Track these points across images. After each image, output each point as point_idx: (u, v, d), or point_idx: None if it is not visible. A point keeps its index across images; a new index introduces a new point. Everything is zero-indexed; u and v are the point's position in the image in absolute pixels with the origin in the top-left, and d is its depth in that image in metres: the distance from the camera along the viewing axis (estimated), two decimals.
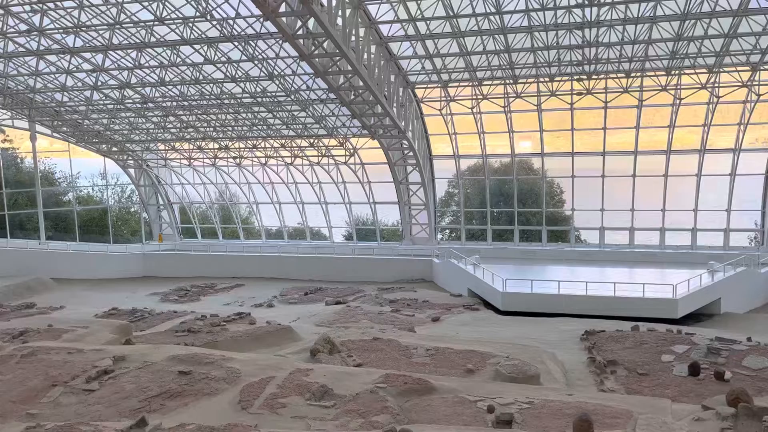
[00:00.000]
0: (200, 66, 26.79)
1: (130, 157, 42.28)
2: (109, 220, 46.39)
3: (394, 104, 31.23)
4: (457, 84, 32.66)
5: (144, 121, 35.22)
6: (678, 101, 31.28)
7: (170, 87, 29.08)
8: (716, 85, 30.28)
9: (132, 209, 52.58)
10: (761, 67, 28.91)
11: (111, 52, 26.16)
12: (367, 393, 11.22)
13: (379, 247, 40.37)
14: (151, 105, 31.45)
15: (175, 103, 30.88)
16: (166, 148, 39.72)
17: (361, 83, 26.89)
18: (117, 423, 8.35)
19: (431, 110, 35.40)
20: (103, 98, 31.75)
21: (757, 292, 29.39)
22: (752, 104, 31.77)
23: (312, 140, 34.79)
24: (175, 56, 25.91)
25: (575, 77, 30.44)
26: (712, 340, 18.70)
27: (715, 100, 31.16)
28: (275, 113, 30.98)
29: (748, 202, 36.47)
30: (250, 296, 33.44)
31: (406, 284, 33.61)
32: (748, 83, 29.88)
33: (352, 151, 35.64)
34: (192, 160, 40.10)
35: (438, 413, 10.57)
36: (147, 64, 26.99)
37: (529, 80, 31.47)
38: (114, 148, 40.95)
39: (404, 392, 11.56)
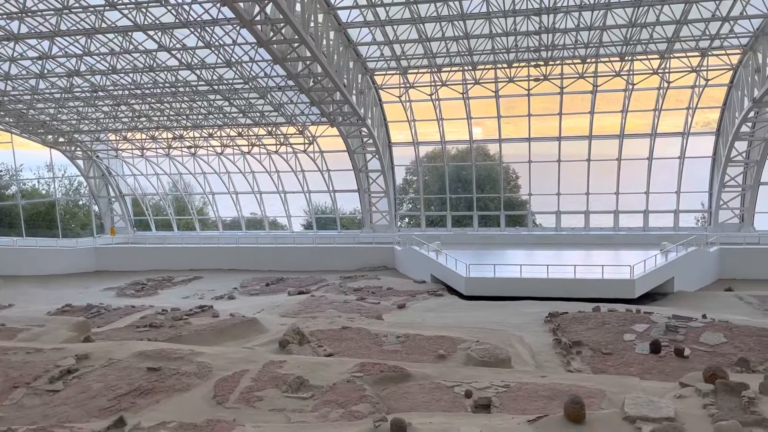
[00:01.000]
0: (154, 53, 25.92)
1: (78, 148, 40.76)
2: (57, 214, 44.74)
3: (354, 91, 30.99)
4: (416, 71, 32.61)
5: (94, 110, 33.95)
6: (631, 86, 32.00)
7: (122, 75, 28.06)
8: (667, 70, 31.11)
9: (80, 202, 50.86)
10: (709, 53, 29.80)
11: (58, 38, 25.02)
12: (344, 383, 11.15)
13: (339, 236, 40.19)
14: (101, 94, 30.30)
15: (127, 92, 29.82)
16: (118, 138, 38.43)
17: (320, 70, 26.54)
18: (93, 423, 8.04)
19: (390, 97, 35.29)
20: (50, 87, 30.44)
21: (707, 271, 30.52)
22: (700, 89, 32.79)
23: (270, 128, 34.21)
24: (127, 43, 24.97)
25: (532, 63, 30.77)
26: (669, 318, 19.29)
27: (666, 85, 32.03)
28: (232, 101, 30.31)
29: (695, 182, 37.75)
30: (210, 288, 32.85)
31: (369, 272, 33.59)
32: (698, 68, 30.80)
33: (311, 139, 35.23)
34: (145, 150, 38.94)
35: (416, 400, 10.58)
36: (97, 51, 25.93)
37: (487, 66, 31.66)
38: (61, 139, 39.39)
39: (381, 380, 11.53)
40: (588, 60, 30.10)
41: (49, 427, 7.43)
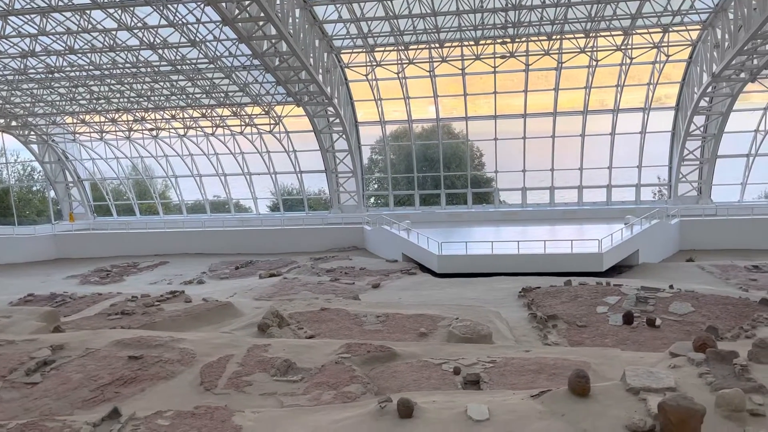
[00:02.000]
0: (114, 32, 24.97)
1: (32, 132, 39.27)
2: (12, 201, 43.21)
3: (320, 70, 30.57)
4: (383, 49, 32.31)
5: (49, 92, 32.65)
6: (595, 62, 32.39)
7: (80, 55, 26.98)
8: (629, 47, 31.56)
9: (34, 188, 49.20)
10: (670, 29, 30.32)
11: (12, 17, 23.87)
12: (333, 364, 11.13)
13: (307, 217, 39.92)
14: (57, 75, 29.13)
15: (84, 73, 28.73)
16: (75, 121, 37.10)
17: (285, 49, 26.08)
18: (83, 415, 7.82)
19: (356, 76, 34.92)
20: (2, 68, 29.12)
21: (668, 243, 31.42)
22: (661, 65, 33.42)
23: (235, 109, 33.52)
24: (86, 22, 23.97)
25: (499, 41, 30.83)
26: (639, 290, 19.81)
27: (629, 61, 32.50)
28: (196, 82, 29.52)
29: (655, 157, 38.60)
30: (177, 273, 32.30)
31: (339, 253, 33.50)
32: (659, 44, 31.33)
33: (277, 119, 34.67)
34: (104, 134, 37.75)
35: (406, 379, 10.63)
36: (53, 31, 24.84)
37: (454, 44, 31.58)
38: (14, 123, 37.86)
39: (368, 360, 11.56)
40: (553, 37, 30.31)
41: (40, 422, 7.20)
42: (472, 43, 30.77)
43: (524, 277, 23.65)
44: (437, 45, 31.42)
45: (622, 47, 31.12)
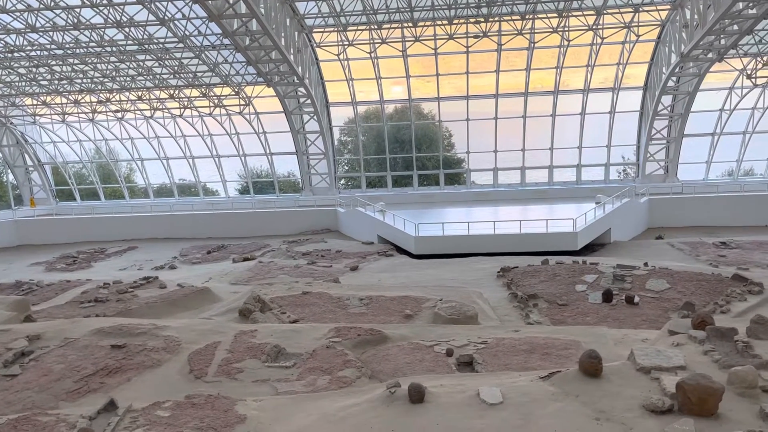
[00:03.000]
0: (77, 10, 23.94)
1: None
2: None
3: (291, 50, 29.99)
4: (355, 27, 31.82)
5: (8, 72, 31.28)
6: (567, 42, 32.51)
7: (41, 34, 25.82)
8: (601, 26, 31.73)
9: None
10: (641, 8, 30.56)
11: None
12: (324, 349, 11.00)
13: (279, 200, 39.45)
14: (17, 55, 27.88)
15: (46, 53, 27.57)
16: (36, 103, 35.69)
17: (256, 27, 25.47)
18: (78, 408, 7.52)
19: (328, 55, 34.35)
20: None
21: (638, 221, 32.02)
22: (631, 45, 33.75)
23: (203, 89, 32.70)
24: None
25: (472, 20, 30.65)
26: (615, 268, 20.10)
27: (600, 41, 32.71)
28: (164, 62, 28.61)
29: (623, 136, 39.14)
30: (148, 259, 31.61)
31: (312, 236, 33.21)
32: (630, 24, 31.58)
33: (247, 100, 33.97)
34: (66, 116, 36.47)
35: (399, 361, 10.57)
36: (13, 8, 23.69)
37: (427, 23, 31.29)
38: None
39: (359, 344, 11.46)
40: (527, 16, 30.26)
41: (33, 416, 6.89)
42: (445, 22, 30.52)
43: (500, 257, 23.78)
44: (411, 24, 31.10)
45: (594, 27, 31.26)
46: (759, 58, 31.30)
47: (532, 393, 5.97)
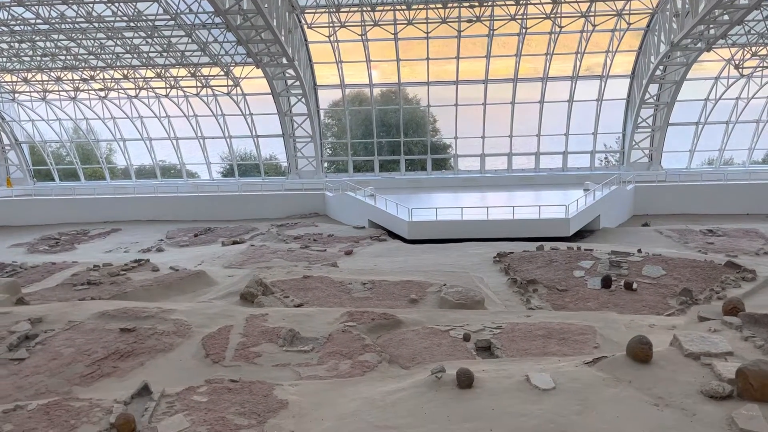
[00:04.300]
0: None
1: None
2: None
3: (282, 30, 29.48)
4: (347, 9, 31.36)
5: None
6: (559, 28, 32.50)
7: (27, 7, 24.88)
8: (592, 14, 31.79)
9: None
10: None
11: None
12: (340, 333, 10.90)
13: (264, 183, 39.01)
14: None
15: (29, 28, 26.65)
16: (16, 79, 34.60)
17: (248, 6, 24.98)
18: (112, 393, 7.30)
19: (318, 37, 33.86)
20: None
21: (625, 208, 32.38)
22: (621, 33, 33.90)
23: (191, 69, 32.01)
24: None
25: (465, 4, 30.44)
26: (610, 254, 20.30)
27: (591, 28, 32.77)
28: (153, 39, 27.86)
29: (608, 124, 39.46)
30: (133, 241, 31.08)
31: (300, 219, 32.92)
32: (621, 11, 31.70)
33: (235, 81, 33.38)
34: (46, 93, 35.45)
35: (417, 346, 10.51)
36: None
37: (420, 6, 31.01)
38: None
39: (373, 328, 11.38)
40: (521, 2, 30.14)
41: (64, 401, 6.69)
42: (439, 5, 30.26)
43: (494, 242, 23.83)
44: (404, 7, 30.77)
45: (586, 14, 31.30)
46: (747, 48, 31.66)
47: (582, 378, 5.96)
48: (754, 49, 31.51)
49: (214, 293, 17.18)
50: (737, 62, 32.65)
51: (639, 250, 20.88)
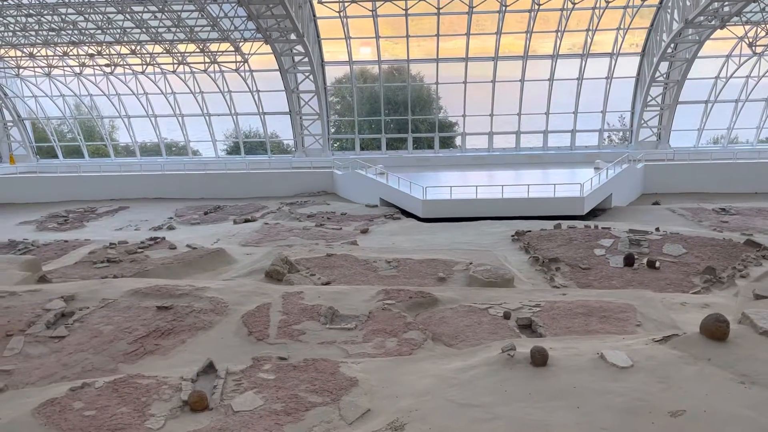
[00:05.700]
0: None
1: None
2: None
3: (293, 6, 29.07)
4: None
5: None
6: (572, 5, 32.10)
7: None
8: None
9: None
10: None
11: None
12: (380, 311, 10.88)
13: (271, 161, 38.78)
14: (6, 3, 26.44)
15: (36, 1, 26.19)
16: (21, 54, 34.06)
17: None
18: (177, 369, 7.26)
19: (327, 12, 33.32)
20: None
21: (635, 187, 32.34)
22: (634, 10, 33.56)
23: (200, 45, 31.58)
24: None
25: None
26: (628, 233, 20.30)
27: (604, 4, 32.38)
28: (163, 14, 27.40)
29: (616, 102, 39.24)
30: (143, 219, 30.88)
31: (309, 197, 32.75)
32: None
33: (244, 57, 32.97)
34: (52, 68, 34.95)
35: (458, 324, 10.50)
36: None
37: None
38: None
39: (412, 306, 11.36)
40: None
41: (130, 380, 6.64)
42: None
43: (509, 221, 23.78)
44: None
45: None
46: (762, 26, 31.40)
47: (658, 357, 5.94)
48: None
49: (235, 271, 17.14)
50: (751, 40, 32.40)
51: (657, 229, 20.88)
